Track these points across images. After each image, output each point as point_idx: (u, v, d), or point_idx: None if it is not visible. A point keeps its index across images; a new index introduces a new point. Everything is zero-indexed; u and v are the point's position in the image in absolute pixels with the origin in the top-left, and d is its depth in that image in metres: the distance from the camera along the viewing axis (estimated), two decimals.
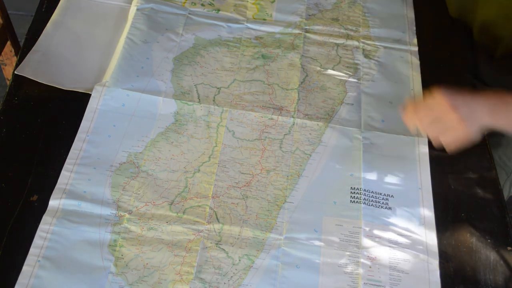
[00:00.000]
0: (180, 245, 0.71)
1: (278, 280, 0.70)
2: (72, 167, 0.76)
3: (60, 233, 0.70)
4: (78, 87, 0.85)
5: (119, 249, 0.70)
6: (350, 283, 0.70)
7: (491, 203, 0.80)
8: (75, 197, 0.73)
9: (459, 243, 0.76)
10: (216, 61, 0.91)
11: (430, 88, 0.91)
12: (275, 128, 0.84)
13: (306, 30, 0.98)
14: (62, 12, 0.95)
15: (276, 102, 0.87)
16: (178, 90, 0.86)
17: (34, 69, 0.86)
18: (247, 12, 0.99)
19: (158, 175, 0.77)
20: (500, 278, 0.73)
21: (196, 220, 0.73)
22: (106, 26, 0.95)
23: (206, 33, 0.95)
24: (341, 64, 0.94)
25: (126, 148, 0.79)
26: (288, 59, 0.93)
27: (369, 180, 0.80)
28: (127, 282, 0.68)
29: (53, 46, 0.90)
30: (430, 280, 0.72)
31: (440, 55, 0.98)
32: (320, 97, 0.89)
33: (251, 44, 0.95)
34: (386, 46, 0.97)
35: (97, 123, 0.81)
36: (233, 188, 0.77)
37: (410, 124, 0.77)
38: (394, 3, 1.05)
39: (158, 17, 0.96)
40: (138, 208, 0.74)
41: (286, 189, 0.78)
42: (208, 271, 0.69)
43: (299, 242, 0.73)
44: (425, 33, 1.00)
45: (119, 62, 0.87)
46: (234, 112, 0.85)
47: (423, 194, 0.79)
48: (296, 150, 0.82)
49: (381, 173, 0.81)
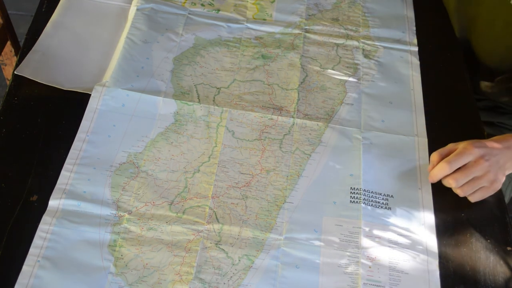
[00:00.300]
0: (179, 245, 0.71)
1: (278, 280, 0.69)
2: (72, 167, 0.76)
3: (60, 233, 0.70)
4: (78, 87, 0.85)
5: (119, 249, 0.70)
6: (350, 283, 0.70)
7: (491, 203, 0.79)
8: (75, 197, 0.73)
9: (459, 243, 0.76)
10: (216, 61, 0.92)
11: (429, 90, 0.92)
12: (275, 128, 0.84)
13: (306, 30, 0.98)
14: (62, 12, 0.95)
15: (276, 102, 0.87)
16: (178, 90, 0.86)
17: (34, 69, 0.86)
18: (247, 12, 0.99)
19: (158, 175, 0.77)
20: (500, 278, 0.73)
21: (196, 220, 0.73)
22: (106, 26, 0.95)
23: (206, 33, 0.95)
24: (341, 64, 0.94)
25: (126, 148, 0.79)
26: (288, 59, 0.93)
27: (369, 180, 0.80)
28: (127, 282, 0.68)
29: (53, 46, 0.90)
30: (430, 280, 0.72)
31: (440, 55, 0.98)
32: (320, 97, 0.89)
33: (251, 44, 0.95)
34: (386, 46, 0.97)
35: (97, 123, 0.81)
36: (233, 188, 0.77)
37: (438, 176, 0.78)
38: (394, 3, 1.05)
39: (158, 17, 0.96)
40: (138, 208, 0.74)
41: (286, 189, 0.78)
42: (208, 271, 0.69)
43: (299, 242, 0.73)
44: (425, 33, 1.00)
45: (119, 62, 0.87)
46: (234, 112, 0.85)
47: (423, 194, 0.79)
48: (296, 150, 0.82)
49: (381, 173, 0.81)
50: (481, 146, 0.77)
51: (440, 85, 0.94)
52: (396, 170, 0.81)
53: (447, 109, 0.90)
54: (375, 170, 0.81)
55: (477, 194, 0.77)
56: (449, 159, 0.76)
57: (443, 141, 0.82)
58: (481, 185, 0.77)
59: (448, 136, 0.84)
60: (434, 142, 0.84)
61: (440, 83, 0.94)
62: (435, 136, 0.85)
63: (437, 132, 0.86)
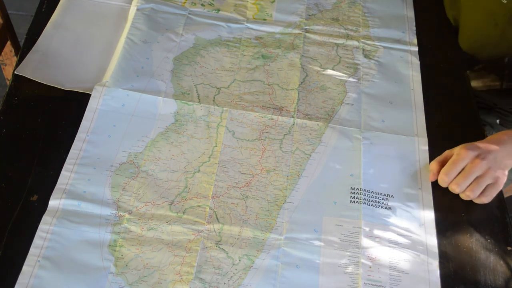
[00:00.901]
0: (180, 245, 0.71)
1: (278, 280, 0.70)
2: (72, 167, 0.76)
3: (60, 233, 0.70)
4: (78, 87, 0.85)
5: (119, 249, 0.70)
6: (350, 283, 0.70)
7: (491, 203, 0.79)
8: (75, 197, 0.73)
9: (459, 243, 0.76)
10: (216, 61, 0.92)
11: (429, 90, 0.92)
12: (275, 128, 0.84)
13: (306, 30, 0.98)
14: (62, 12, 0.95)
15: (276, 102, 0.87)
16: (178, 90, 0.86)
17: (34, 69, 0.86)
18: (247, 12, 0.99)
19: (158, 175, 0.77)
20: (500, 278, 0.73)
21: (196, 220, 0.73)
22: (106, 26, 0.95)
23: (206, 33, 0.95)
24: (341, 64, 0.94)
25: (126, 148, 0.79)
26: (288, 59, 0.93)
27: (369, 180, 0.80)
28: (127, 282, 0.68)
29: (53, 46, 0.90)
30: (430, 280, 0.72)
31: (440, 55, 0.98)
32: (320, 97, 0.89)
33: (251, 44, 0.95)
34: (386, 46, 0.97)
35: (97, 123, 0.81)
36: (233, 188, 0.77)
37: (441, 184, 0.79)
38: (394, 3, 1.05)
39: (158, 17, 0.96)
40: (138, 208, 0.74)
41: (286, 189, 0.78)
42: (208, 271, 0.69)
43: (299, 242, 0.73)
44: (425, 33, 1.00)
45: (119, 62, 0.87)
46: (234, 112, 0.85)
47: (423, 194, 0.79)
48: (296, 150, 0.82)
49: (381, 173, 0.81)
50: (474, 147, 0.78)
51: (440, 85, 0.94)
52: (396, 170, 0.81)
53: (447, 109, 0.90)
54: (375, 170, 0.81)
55: (487, 193, 0.78)
56: (445, 169, 0.78)
57: (443, 141, 0.82)
58: (486, 182, 0.77)
59: (448, 136, 0.85)
60: (434, 142, 0.84)
61: (440, 83, 0.94)
62: (435, 136, 0.86)
63: (437, 132, 0.86)
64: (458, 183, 0.77)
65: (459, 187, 0.77)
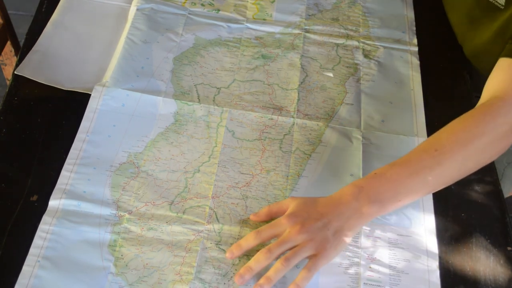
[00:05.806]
0: (180, 245, 0.71)
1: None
2: (72, 167, 0.76)
3: (60, 233, 0.70)
4: (78, 87, 0.85)
5: (119, 249, 0.70)
6: (350, 283, 0.70)
7: (491, 203, 0.80)
8: (75, 197, 0.73)
9: (459, 243, 0.76)
10: (216, 61, 0.92)
11: (429, 90, 0.92)
12: (275, 128, 0.84)
13: (306, 30, 0.98)
14: (62, 12, 0.95)
15: (276, 102, 0.87)
16: (178, 90, 0.86)
17: (34, 69, 0.86)
18: (247, 12, 0.99)
19: (158, 175, 0.77)
20: (500, 278, 0.73)
21: (196, 220, 0.73)
22: (106, 26, 0.95)
23: (206, 33, 0.95)
24: (341, 64, 0.94)
25: (126, 148, 0.79)
26: (288, 59, 0.93)
27: None
28: (127, 282, 0.68)
29: (53, 46, 0.90)
30: (430, 280, 0.72)
31: (440, 55, 0.98)
32: (320, 97, 0.89)
33: (251, 44, 0.95)
34: (386, 46, 0.97)
35: (97, 123, 0.81)
36: (233, 188, 0.77)
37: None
38: (394, 3, 1.05)
39: (158, 17, 0.96)
40: (138, 208, 0.74)
41: (286, 189, 0.78)
42: (208, 271, 0.69)
43: None
44: (425, 33, 1.00)
45: (119, 62, 0.87)
46: (234, 112, 0.85)
47: None
48: (296, 150, 0.82)
49: None
50: (297, 216, 0.67)
51: (440, 85, 0.94)
52: None
53: (447, 109, 0.90)
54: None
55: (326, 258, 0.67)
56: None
57: None
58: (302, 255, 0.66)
59: None
60: None
61: (440, 83, 0.94)
62: None
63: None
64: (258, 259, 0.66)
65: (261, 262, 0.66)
